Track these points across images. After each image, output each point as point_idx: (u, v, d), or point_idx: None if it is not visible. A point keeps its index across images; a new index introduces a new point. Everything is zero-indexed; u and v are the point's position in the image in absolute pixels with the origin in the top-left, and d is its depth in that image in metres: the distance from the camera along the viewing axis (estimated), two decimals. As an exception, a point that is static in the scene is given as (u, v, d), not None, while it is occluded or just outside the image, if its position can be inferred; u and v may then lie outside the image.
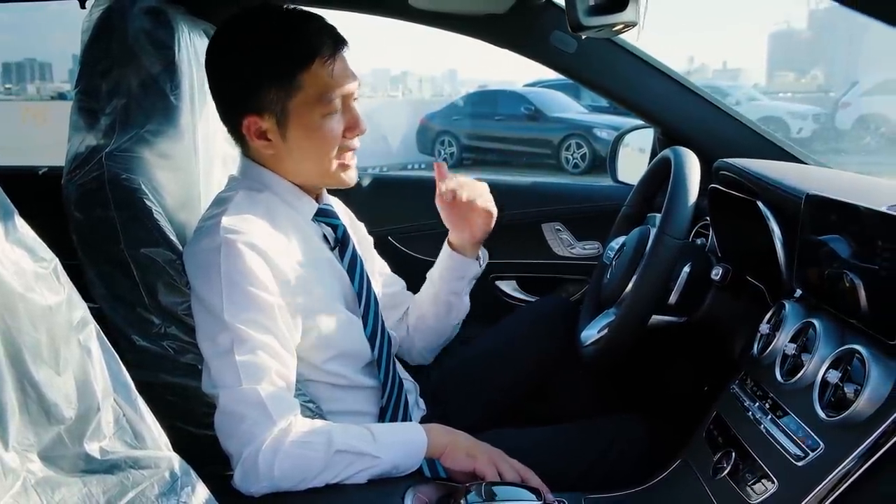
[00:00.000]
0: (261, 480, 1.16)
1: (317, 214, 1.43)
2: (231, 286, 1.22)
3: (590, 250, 2.18)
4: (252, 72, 1.31)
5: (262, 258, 1.24)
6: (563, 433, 1.55)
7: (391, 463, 1.22)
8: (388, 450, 1.22)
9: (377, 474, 1.21)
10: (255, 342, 1.21)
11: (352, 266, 1.46)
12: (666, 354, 1.82)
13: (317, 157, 1.35)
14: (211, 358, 1.23)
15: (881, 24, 0.65)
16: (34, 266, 0.75)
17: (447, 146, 13.86)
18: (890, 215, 0.99)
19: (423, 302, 1.73)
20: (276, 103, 1.31)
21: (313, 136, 1.33)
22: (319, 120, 1.32)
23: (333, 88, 1.32)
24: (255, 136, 1.34)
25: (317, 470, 1.17)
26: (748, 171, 1.46)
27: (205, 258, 1.25)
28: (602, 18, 1.06)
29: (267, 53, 1.30)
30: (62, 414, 0.76)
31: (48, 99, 22.96)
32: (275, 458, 1.15)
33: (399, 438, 1.26)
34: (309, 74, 1.30)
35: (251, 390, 1.18)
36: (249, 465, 1.16)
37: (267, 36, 1.31)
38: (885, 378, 0.97)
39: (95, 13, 1.41)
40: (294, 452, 1.17)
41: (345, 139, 1.36)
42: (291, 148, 1.34)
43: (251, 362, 1.20)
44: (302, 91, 1.30)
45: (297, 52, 1.30)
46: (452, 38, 2.01)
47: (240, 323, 1.21)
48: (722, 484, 1.18)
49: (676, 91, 1.94)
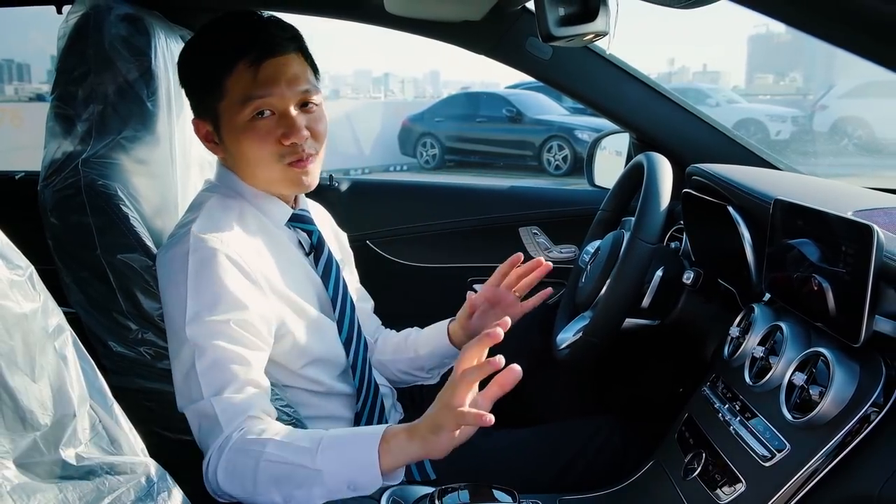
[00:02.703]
0: (212, 487, 1.17)
1: (291, 220, 1.43)
2: (197, 293, 1.21)
3: (566, 254, 2.20)
4: (192, 77, 1.33)
5: (233, 264, 1.24)
6: (538, 435, 1.57)
7: (343, 480, 1.11)
8: (331, 463, 1.12)
9: (329, 496, 1.11)
10: (217, 352, 1.20)
11: (326, 272, 1.46)
12: (640, 357, 1.84)
13: (256, 161, 1.33)
14: (176, 374, 1.23)
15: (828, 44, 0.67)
16: (9, 273, 0.75)
17: (429, 148, 13.87)
18: (855, 221, 1.01)
19: (399, 360, 1.66)
20: (209, 107, 1.32)
21: (243, 140, 1.31)
22: (245, 124, 1.30)
23: (255, 91, 1.29)
24: (204, 139, 1.35)
25: (250, 480, 1.13)
26: (719, 177, 1.49)
27: (174, 265, 1.24)
28: (572, 29, 1.08)
29: (198, 58, 1.31)
30: (38, 420, 0.76)
31: (26, 100, 22.68)
32: (218, 465, 1.16)
33: (346, 455, 1.13)
34: (232, 78, 1.29)
35: (206, 403, 1.18)
36: (205, 472, 1.17)
37: (201, 41, 1.32)
38: (848, 380, 1.00)
39: (72, 19, 1.41)
40: (230, 459, 1.15)
41: (282, 146, 1.32)
42: (230, 151, 1.34)
43: (211, 373, 1.19)
44: (227, 95, 1.30)
45: (222, 54, 1.29)
46: (434, 41, 2.02)
47: (202, 333, 1.20)
48: (693, 484, 1.20)
49: (651, 97, 1.96)
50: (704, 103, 13.54)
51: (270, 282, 1.30)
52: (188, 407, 1.21)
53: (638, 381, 1.90)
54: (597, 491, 1.36)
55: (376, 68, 77.69)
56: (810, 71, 26.73)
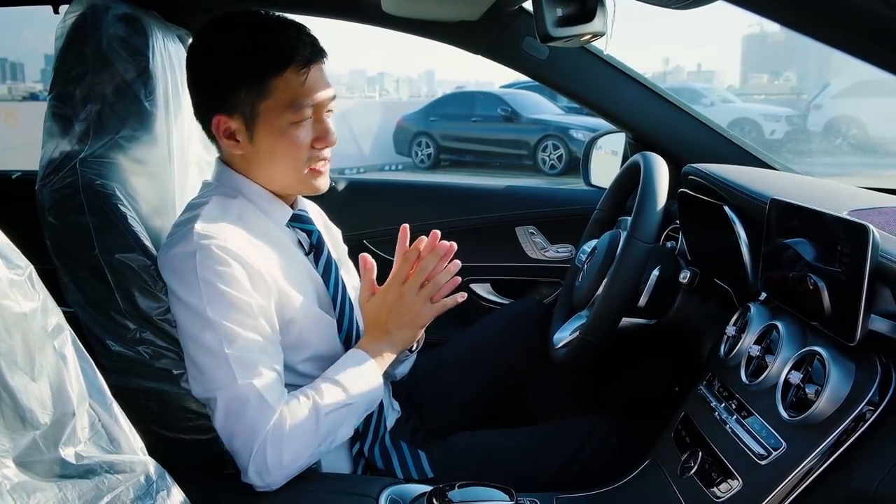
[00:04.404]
0: (272, 471, 1.19)
1: (291, 220, 1.44)
2: (209, 289, 1.22)
3: (563, 253, 2.21)
4: (226, 71, 1.31)
5: (237, 261, 1.25)
6: (535, 434, 1.58)
7: (365, 402, 1.32)
8: (357, 389, 1.29)
9: (356, 422, 1.32)
10: (243, 338, 1.22)
11: (326, 271, 1.46)
12: (637, 356, 1.85)
13: (284, 163, 1.35)
14: (200, 358, 1.24)
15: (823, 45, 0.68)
16: (9, 273, 0.75)
17: (424, 147, 13.88)
18: (851, 220, 1.02)
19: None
20: (246, 105, 1.31)
21: (280, 141, 1.33)
22: (287, 126, 1.32)
23: (304, 97, 1.32)
24: (223, 135, 1.34)
25: (316, 442, 1.23)
26: (715, 176, 1.49)
27: (180, 263, 1.25)
28: (570, 29, 1.08)
29: (243, 54, 1.30)
30: (37, 419, 0.76)
31: (20, 99, 22.61)
32: (281, 446, 1.19)
33: (361, 377, 1.31)
34: (281, 80, 1.30)
35: (247, 385, 1.20)
36: (260, 460, 1.19)
37: (245, 38, 1.32)
38: (844, 379, 1.00)
39: (69, 19, 1.41)
40: (295, 435, 1.20)
41: (313, 149, 1.36)
42: (259, 152, 1.34)
43: (242, 357, 1.21)
44: (272, 95, 1.31)
45: (272, 56, 1.30)
46: (430, 41, 2.02)
47: (225, 321, 1.22)
48: (689, 483, 1.21)
49: (647, 97, 1.96)
50: (699, 103, 13.58)
51: (273, 279, 1.30)
52: (218, 392, 1.22)
53: (634, 380, 1.91)
54: (594, 489, 1.36)
55: (371, 67, 77.72)
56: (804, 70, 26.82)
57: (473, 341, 1.81)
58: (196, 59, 1.37)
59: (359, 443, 1.44)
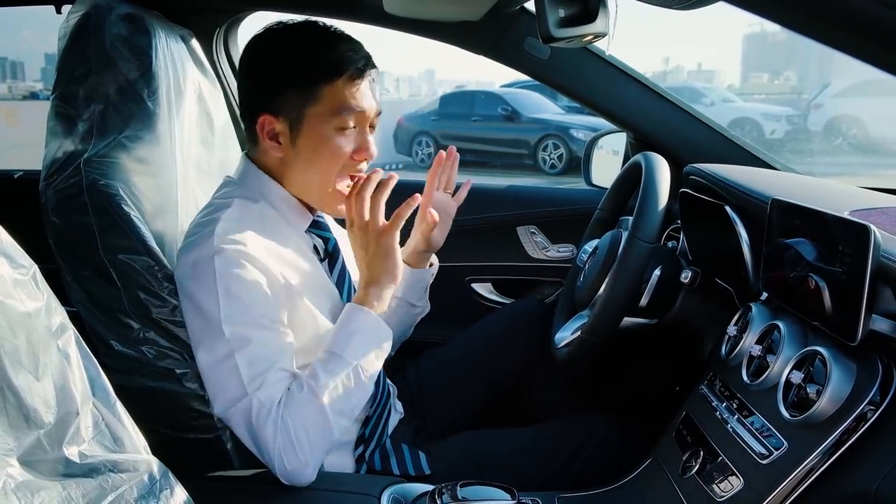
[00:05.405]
0: (307, 466, 1.21)
1: (310, 226, 1.44)
2: (228, 293, 1.23)
3: (564, 253, 2.21)
4: (278, 73, 1.33)
5: (256, 267, 1.25)
6: (537, 433, 1.58)
7: (373, 357, 1.31)
8: (352, 350, 1.28)
9: (369, 385, 1.30)
10: (256, 341, 1.23)
11: (340, 279, 1.47)
12: (638, 356, 1.85)
13: (321, 170, 1.36)
14: (211, 367, 1.25)
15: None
16: (13, 272, 0.76)
17: (424, 147, 13.86)
18: (852, 220, 1.02)
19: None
20: (293, 108, 1.32)
21: (322, 147, 1.34)
22: (331, 133, 1.33)
23: (352, 107, 1.33)
24: (266, 136, 1.35)
25: (331, 419, 1.23)
26: (717, 176, 1.49)
27: (200, 267, 1.25)
28: (572, 30, 1.08)
29: (298, 59, 1.32)
30: (41, 419, 0.76)
31: (20, 98, 22.63)
32: (307, 441, 1.21)
33: (359, 336, 1.30)
34: (332, 88, 1.32)
35: (256, 400, 1.21)
36: (291, 461, 1.20)
37: (303, 44, 1.33)
38: (845, 379, 1.01)
39: (72, 19, 1.41)
40: (305, 426, 1.21)
41: (352, 160, 1.36)
42: (299, 155, 1.35)
43: (253, 365, 1.22)
44: (321, 102, 1.32)
45: (327, 63, 1.32)
46: (431, 40, 2.02)
47: (239, 325, 1.22)
48: (690, 482, 1.21)
49: (648, 97, 1.97)
50: (699, 102, 13.57)
51: (289, 285, 1.30)
52: (232, 408, 1.23)
53: (636, 379, 1.91)
54: (595, 489, 1.37)
55: (371, 67, 77.21)
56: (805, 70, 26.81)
57: (475, 341, 1.81)
58: (250, 58, 1.39)
59: (362, 446, 1.45)
